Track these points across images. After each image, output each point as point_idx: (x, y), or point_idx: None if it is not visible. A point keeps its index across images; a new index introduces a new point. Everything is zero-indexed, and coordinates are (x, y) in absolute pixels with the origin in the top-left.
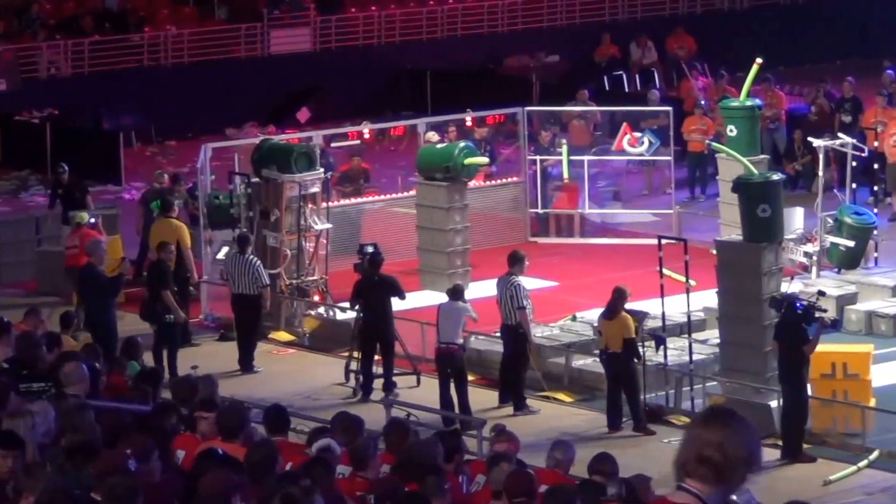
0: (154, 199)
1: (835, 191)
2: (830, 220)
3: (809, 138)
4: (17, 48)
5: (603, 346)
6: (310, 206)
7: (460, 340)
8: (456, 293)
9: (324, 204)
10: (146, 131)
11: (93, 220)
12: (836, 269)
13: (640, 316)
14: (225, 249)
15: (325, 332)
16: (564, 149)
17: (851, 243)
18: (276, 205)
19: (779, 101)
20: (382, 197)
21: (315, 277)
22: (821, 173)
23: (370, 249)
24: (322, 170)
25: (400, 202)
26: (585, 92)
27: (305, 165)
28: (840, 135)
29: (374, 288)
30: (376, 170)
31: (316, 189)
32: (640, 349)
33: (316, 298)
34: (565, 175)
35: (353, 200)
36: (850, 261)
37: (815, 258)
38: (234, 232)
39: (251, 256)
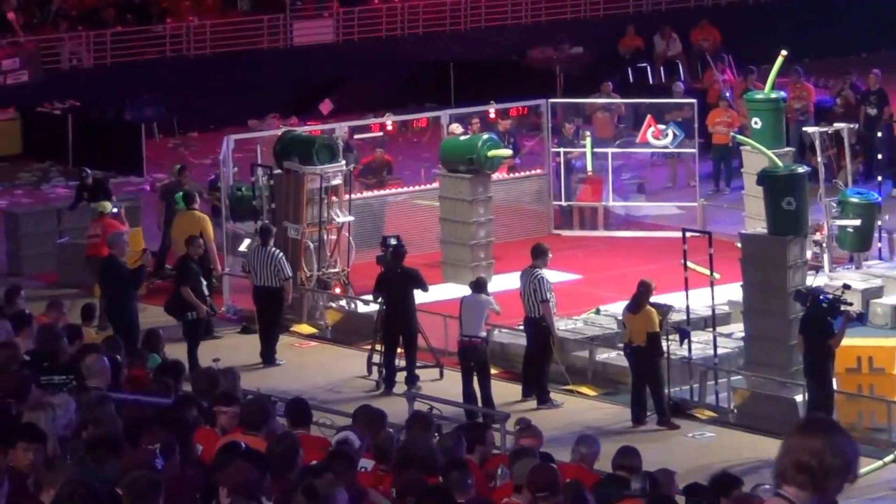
0: (174, 193)
1: (835, 181)
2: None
3: (805, 128)
4: (38, 39)
5: (627, 339)
6: (332, 198)
7: (483, 333)
8: (479, 286)
9: (346, 196)
10: (168, 123)
11: (115, 210)
12: (849, 258)
13: (664, 309)
14: (247, 241)
15: (347, 324)
16: (588, 141)
17: (857, 222)
18: (295, 219)
19: (808, 93)
20: (405, 189)
21: (337, 270)
22: (819, 159)
23: (393, 242)
24: (344, 161)
25: (423, 194)
26: (609, 84)
27: (327, 157)
28: (836, 124)
29: (397, 280)
30: (399, 162)
31: (338, 181)
32: (665, 343)
33: (337, 291)
34: (589, 167)
35: (375, 192)
36: (860, 242)
37: (824, 246)
38: (256, 224)
39: (273, 248)
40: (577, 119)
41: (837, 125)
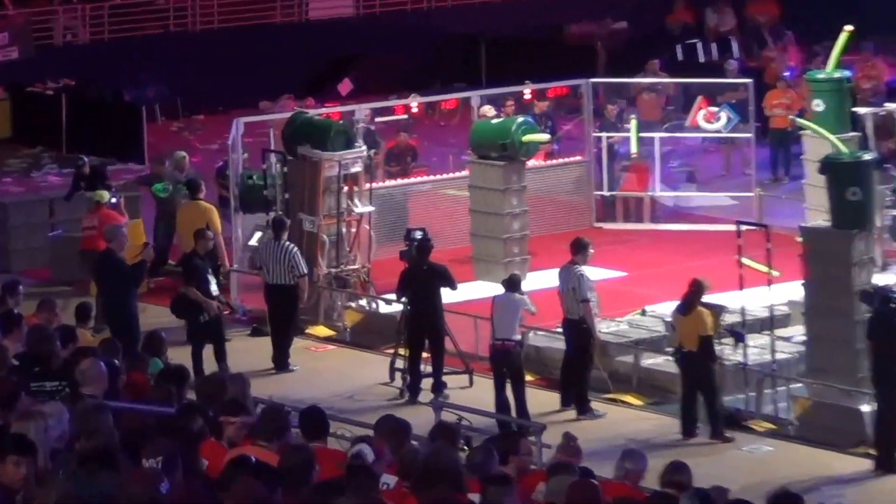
0: (152, 184)
1: (887, 166)
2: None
3: (854, 108)
4: (30, 12)
5: (677, 343)
6: (351, 187)
7: (517, 336)
8: (513, 284)
9: (367, 185)
10: (171, 104)
11: (114, 200)
12: None
13: (717, 310)
14: (258, 235)
15: (367, 326)
16: (633, 123)
17: None
18: (311, 210)
19: (879, 72)
20: (432, 177)
21: (356, 266)
22: (871, 144)
23: (418, 235)
24: (364, 146)
25: (451, 183)
26: (656, 62)
27: (342, 146)
28: (887, 104)
29: (423, 278)
30: (425, 147)
31: (357, 168)
32: (717, 347)
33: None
34: (634, 149)
35: (399, 181)
36: None
37: (875, 237)
38: (267, 215)
39: (287, 243)
40: (621, 101)
41: (889, 106)
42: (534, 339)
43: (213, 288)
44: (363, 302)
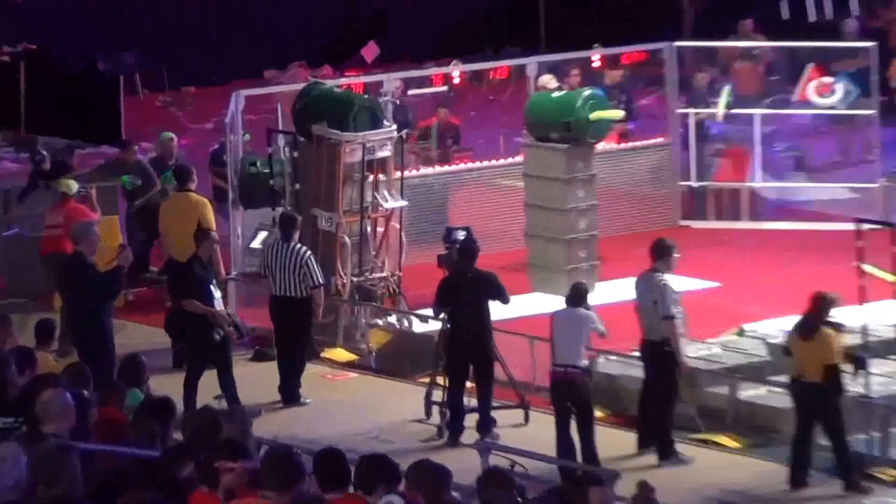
0: (119, 174)
1: None
2: None
3: None
4: None
5: (795, 373)
6: (378, 176)
7: (584, 362)
8: (578, 297)
9: (397, 173)
10: (156, 74)
11: (83, 192)
12: None
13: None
14: (262, 235)
15: (398, 349)
16: (726, 90)
17: None
18: (328, 205)
19: None
20: (478, 164)
21: (384, 274)
22: None
23: (461, 236)
24: (394, 125)
25: (502, 171)
26: (748, 22)
27: (367, 125)
28: None
29: (467, 289)
30: (469, 126)
31: (386, 153)
32: None
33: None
34: (721, 110)
35: (437, 169)
36: None
37: None
38: (274, 211)
39: (298, 245)
40: (713, 69)
41: None
42: (605, 365)
43: (218, 304)
44: (392, 319)
